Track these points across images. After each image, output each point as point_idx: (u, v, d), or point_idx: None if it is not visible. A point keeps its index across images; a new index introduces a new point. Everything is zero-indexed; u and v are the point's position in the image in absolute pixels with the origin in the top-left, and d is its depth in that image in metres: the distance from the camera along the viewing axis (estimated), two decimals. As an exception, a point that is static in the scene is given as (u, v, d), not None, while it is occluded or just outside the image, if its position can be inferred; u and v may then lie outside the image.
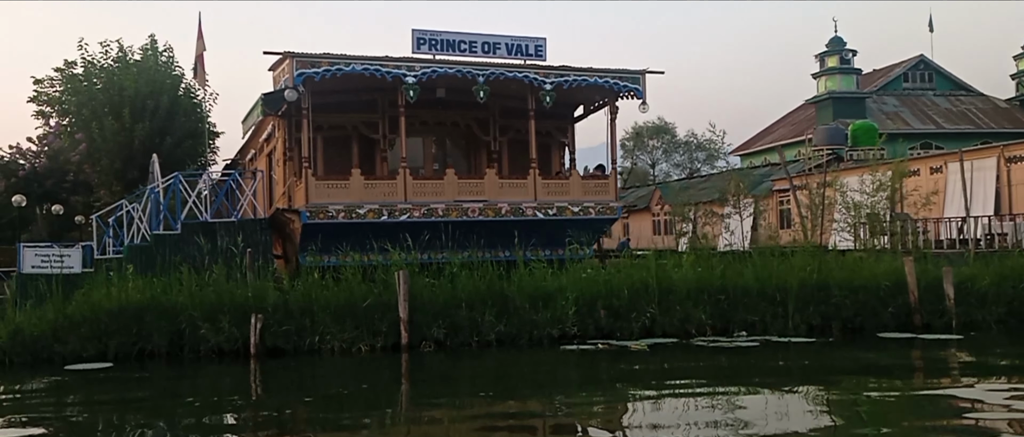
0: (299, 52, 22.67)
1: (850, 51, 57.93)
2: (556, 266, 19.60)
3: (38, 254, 21.85)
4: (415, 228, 23.21)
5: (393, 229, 23.30)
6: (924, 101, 58.57)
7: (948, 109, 57.95)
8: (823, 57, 58.55)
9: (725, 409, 11.77)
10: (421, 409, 13.03)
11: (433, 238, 22.07)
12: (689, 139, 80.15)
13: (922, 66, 60.37)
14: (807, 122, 59.88)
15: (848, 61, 58.14)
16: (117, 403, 13.59)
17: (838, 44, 58.06)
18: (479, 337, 17.10)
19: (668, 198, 46.02)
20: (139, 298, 17.26)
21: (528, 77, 24.13)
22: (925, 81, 60.20)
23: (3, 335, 16.67)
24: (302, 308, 17.19)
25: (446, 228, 22.83)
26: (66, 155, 32.70)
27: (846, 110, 55.47)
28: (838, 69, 57.55)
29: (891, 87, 59.78)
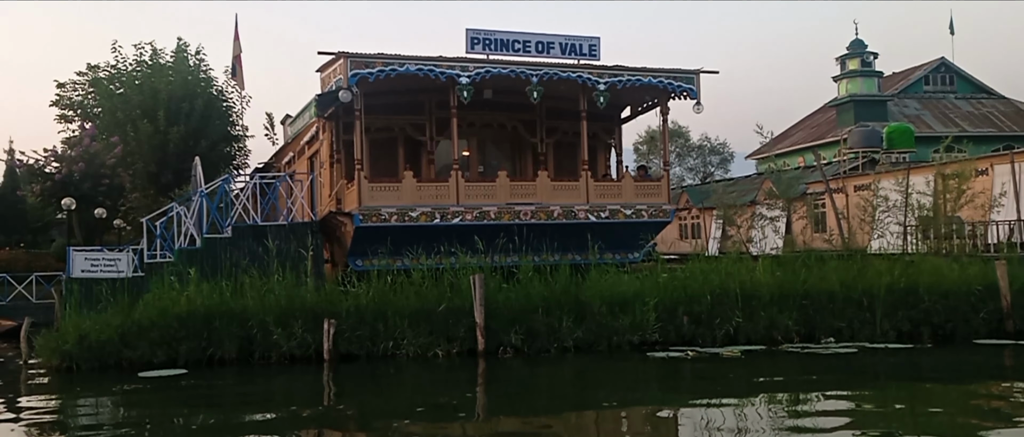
0: (353, 52, 22.26)
1: (871, 54, 57.50)
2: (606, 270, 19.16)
3: (87, 258, 21.45)
4: (466, 231, 22.81)
5: (445, 232, 22.91)
6: (945, 104, 58.21)
7: (970, 112, 57.60)
8: (844, 60, 58.12)
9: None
10: (548, 418, 12.43)
11: (485, 242, 21.67)
12: (702, 143, 79.89)
13: (943, 69, 60.02)
14: (827, 125, 59.54)
15: (869, 64, 57.71)
16: (230, 410, 13.13)
17: (859, 46, 57.63)
18: (557, 343, 16.63)
19: (694, 201, 45.64)
20: (208, 303, 16.81)
21: (582, 77, 23.73)
22: (946, 84, 59.85)
23: (70, 341, 16.20)
24: (375, 312, 16.74)
25: (499, 231, 22.48)
26: (102, 158, 32.25)
27: (867, 113, 55.02)
28: (859, 72, 57.13)
29: (911, 90, 59.41)
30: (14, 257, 32.63)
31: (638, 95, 26.05)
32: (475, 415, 12.60)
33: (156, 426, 12.07)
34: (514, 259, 20.60)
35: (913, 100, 58.61)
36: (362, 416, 12.75)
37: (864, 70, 57.41)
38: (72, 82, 41.06)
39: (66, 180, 31.49)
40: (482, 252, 20.97)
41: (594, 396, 13.46)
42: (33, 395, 15.07)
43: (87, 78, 40.43)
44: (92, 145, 32.41)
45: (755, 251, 32.47)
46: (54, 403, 14.39)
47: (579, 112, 24.97)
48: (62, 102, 40.99)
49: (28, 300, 27.89)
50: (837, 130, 56.53)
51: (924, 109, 57.72)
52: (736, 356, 15.98)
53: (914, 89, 59.47)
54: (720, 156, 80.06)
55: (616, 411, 12.72)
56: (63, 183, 31.46)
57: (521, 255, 21.30)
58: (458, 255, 18.86)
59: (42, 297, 27.80)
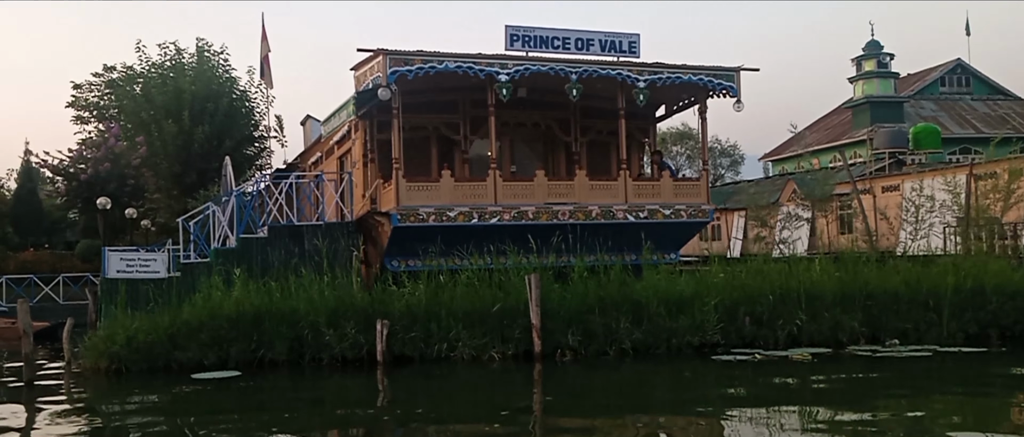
0: (392, 49, 21.91)
1: (887, 55, 57.20)
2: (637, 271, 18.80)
3: (123, 258, 21.11)
4: (504, 231, 22.47)
5: (482, 232, 22.54)
6: (961, 105, 57.94)
7: (986, 113, 57.32)
8: (860, 61, 57.81)
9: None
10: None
11: (523, 242, 21.35)
12: (713, 145, 79.56)
13: (959, 70, 59.75)
14: (842, 127, 59.24)
15: (885, 65, 57.39)
16: (303, 413, 12.79)
17: (875, 48, 57.32)
18: (615, 345, 16.26)
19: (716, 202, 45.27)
20: (257, 304, 16.45)
21: (621, 75, 23.35)
22: (962, 85, 59.58)
23: (118, 342, 15.83)
24: (428, 313, 16.38)
25: (536, 232, 22.15)
26: (127, 158, 31.90)
27: (883, 115, 54.69)
28: (875, 73, 56.81)
29: (928, 91, 59.11)
30: (39, 258, 32.33)
31: (674, 93, 25.68)
32: (536, 423, 12.19)
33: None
34: (550, 259, 20.22)
35: (929, 101, 58.33)
36: (434, 421, 12.35)
37: (880, 71, 57.12)
38: (88, 83, 40.74)
39: (92, 180, 31.14)
40: (520, 252, 20.67)
41: (670, 403, 13.06)
42: (104, 401, 14.62)
43: (103, 79, 40.14)
44: (117, 145, 32.06)
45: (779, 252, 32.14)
46: (127, 406, 13.96)
47: (613, 110, 24.60)
48: (78, 103, 40.67)
49: (55, 301, 27.55)
50: (853, 131, 56.28)
51: (940, 110, 57.44)
52: (806, 360, 15.56)
53: (930, 90, 59.19)
54: (730, 158, 79.83)
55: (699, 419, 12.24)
56: (89, 183, 31.12)
57: (560, 255, 20.96)
58: (503, 255, 18.44)
59: (69, 298, 27.48)
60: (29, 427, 12.41)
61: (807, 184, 40.43)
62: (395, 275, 20.85)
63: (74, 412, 13.64)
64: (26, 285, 28.72)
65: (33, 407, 13.84)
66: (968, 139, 54.30)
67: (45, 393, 15.08)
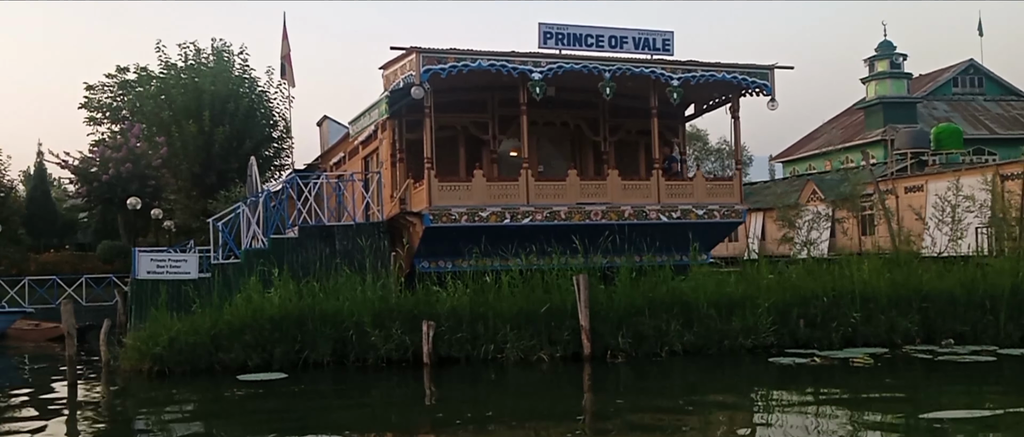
0: (425, 47, 21.63)
1: (900, 55, 56.97)
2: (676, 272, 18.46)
3: (153, 259, 20.83)
4: (536, 232, 22.20)
5: (514, 233, 22.28)
6: (974, 106, 57.70)
7: (999, 114, 57.09)
8: (872, 61, 57.56)
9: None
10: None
11: (554, 242, 21.07)
12: (720, 146, 79.34)
13: (972, 71, 59.51)
14: (854, 127, 58.99)
15: (899, 65, 57.16)
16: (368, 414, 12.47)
17: (888, 48, 57.08)
18: (665, 347, 15.96)
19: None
20: (300, 304, 16.15)
21: (655, 73, 23.08)
22: (975, 86, 59.34)
23: (161, 344, 15.53)
24: (474, 314, 16.08)
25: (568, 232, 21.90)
26: (148, 159, 31.60)
27: (897, 115, 54.46)
28: (888, 73, 56.56)
29: (940, 92, 58.86)
30: (61, 259, 32.05)
31: (705, 92, 25.41)
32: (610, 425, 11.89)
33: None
34: (596, 260, 19.92)
35: (942, 102, 58.09)
36: (499, 424, 12.04)
37: (893, 72, 56.89)
38: (101, 84, 40.46)
39: (114, 181, 30.82)
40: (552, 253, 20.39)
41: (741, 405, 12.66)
42: (157, 404, 14.18)
43: (116, 80, 39.88)
44: (138, 145, 31.75)
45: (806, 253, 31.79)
46: (184, 409, 13.67)
47: (642, 109, 24.41)
48: (91, 104, 40.37)
49: (78, 302, 27.25)
50: (866, 132, 56.06)
51: (953, 111, 57.20)
52: (867, 363, 15.20)
53: (943, 91, 58.94)
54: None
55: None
56: (110, 184, 30.78)
57: (594, 256, 20.66)
58: (544, 255, 18.12)
59: (92, 300, 27.16)
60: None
61: (827, 184, 40.20)
62: (425, 276, 20.59)
63: (134, 416, 13.27)
64: (48, 286, 28.43)
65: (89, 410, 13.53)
66: (981, 140, 54.05)
67: (93, 396, 14.79)
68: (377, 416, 12.75)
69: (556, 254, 20.10)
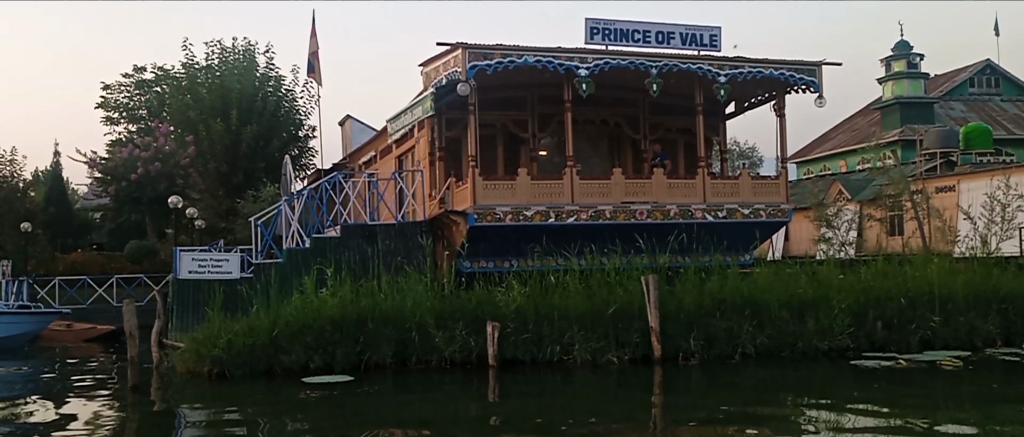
0: (472, 43, 21.19)
1: (917, 55, 56.62)
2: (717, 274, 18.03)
3: (195, 259, 20.40)
4: (581, 231, 21.78)
5: (559, 232, 21.85)
6: (991, 107, 57.37)
7: (1017, 115, 56.78)
8: (889, 61, 57.18)
9: None
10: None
11: (598, 241, 20.66)
12: (731, 147, 78.97)
13: (988, 71, 59.17)
14: (870, 127, 58.54)
15: (916, 65, 56.79)
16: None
17: (904, 48, 56.72)
18: (738, 349, 15.49)
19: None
20: (361, 305, 15.72)
21: (702, 69, 22.65)
22: (991, 86, 59.02)
23: (219, 346, 15.07)
24: (539, 315, 15.63)
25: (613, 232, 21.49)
26: (177, 158, 31.15)
27: (914, 116, 54.10)
28: (905, 73, 56.20)
29: (956, 92, 58.54)
30: (88, 259, 31.58)
31: (748, 89, 24.99)
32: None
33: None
34: (662, 259, 19.50)
35: (959, 102, 57.77)
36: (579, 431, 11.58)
37: (911, 72, 56.53)
38: (118, 83, 40.04)
39: (143, 180, 30.35)
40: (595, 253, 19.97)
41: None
42: (236, 408, 13.61)
43: (133, 80, 39.51)
44: (166, 144, 31.30)
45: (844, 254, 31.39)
46: (267, 411, 13.20)
47: (683, 107, 24.04)
48: (108, 104, 39.94)
49: (108, 303, 26.78)
50: (883, 133, 55.69)
51: (970, 112, 56.86)
52: (956, 366, 14.70)
53: (959, 91, 58.62)
54: (749, 160, 79.18)
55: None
56: (139, 183, 30.32)
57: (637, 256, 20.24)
58: (606, 255, 17.70)
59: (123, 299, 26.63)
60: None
61: (853, 184, 39.82)
62: (469, 276, 20.21)
63: (220, 422, 12.78)
64: (79, 286, 27.98)
65: (169, 415, 13.06)
66: (999, 140, 53.44)
67: (163, 399, 14.32)
68: (459, 419, 12.28)
69: (598, 255, 19.70)
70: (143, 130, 39.20)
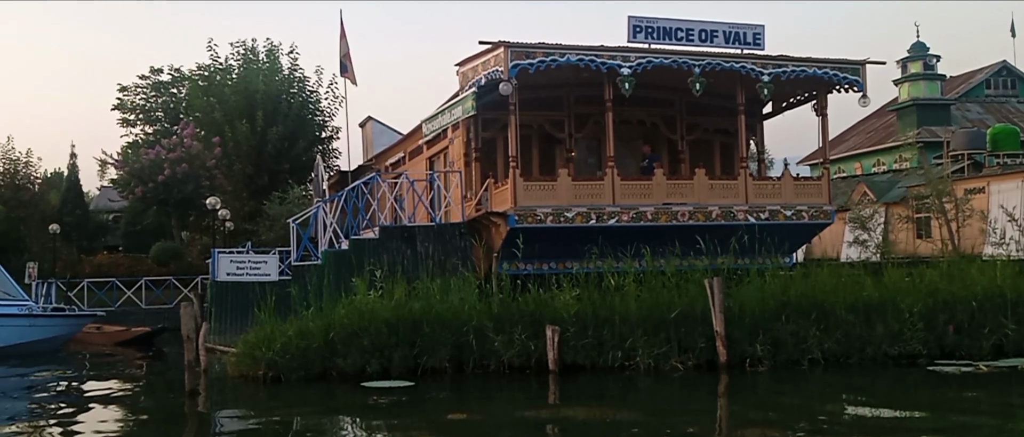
0: (514, 41, 20.83)
1: (934, 56, 56.29)
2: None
3: (233, 260, 20.01)
4: (622, 233, 21.41)
5: (600, 234, 21.47)
6: (1008, 109, 57.03)
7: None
8: (905, 63, 56.82)
9: None
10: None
11: (639, 243, 20.28)
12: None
13: (1004, 72, 58.86)
14: (885, 130, 58.25)
15: (932, 67, 56.44)
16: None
17: (921, 49, 56.39)
18: (805, 355, 15.07)
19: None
20: (415, 308, 15.33)
21: (745, 68, 22.27)
22: (1007, 88, 58.72)
23: (274, 348, 14.69)
24: (600, 320, 15.24)
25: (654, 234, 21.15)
26: (203, 159, 30.79)
27: (930, 117, 53.76)
28: (922, 75, 55.84)
29: (973, 94, 58.21)
30: (114, 261, 31.24)
31: (787, 89, 24.59)
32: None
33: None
34: (720, 261, 19.12)
35: (975, 104, 57.44)
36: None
37: (927, 73, 56.17)
38: (134, 85, 39.78)
39: (169, 182, 29.98)
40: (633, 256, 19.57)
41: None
42: (319, 414, 13.18)
43: (149, 82, 39.25)
44: (193, 145, 30.93)
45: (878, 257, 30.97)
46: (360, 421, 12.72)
47: (719, 106, 23.78)
48: (124, 106, 39.63)
49: (137, 305, 26.40)
50: (899, 134, 55.34)
51: (986, 113, 56.52)
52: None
53: (975, 93, 58.28)
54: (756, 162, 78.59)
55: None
56: (166, 184, 29.95)
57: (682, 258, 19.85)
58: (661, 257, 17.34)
59: (152, 302, 26.33)
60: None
61: (878, 185, 39.49)
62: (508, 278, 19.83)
63: (310, 428, 12.37)
64: (108, 289, 27.60)
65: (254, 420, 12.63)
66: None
67: (234, 405, 13.93)
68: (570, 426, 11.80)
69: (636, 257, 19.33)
70: (159, 132, 38.90)
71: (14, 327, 21.82)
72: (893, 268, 17.59)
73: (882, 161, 54.88)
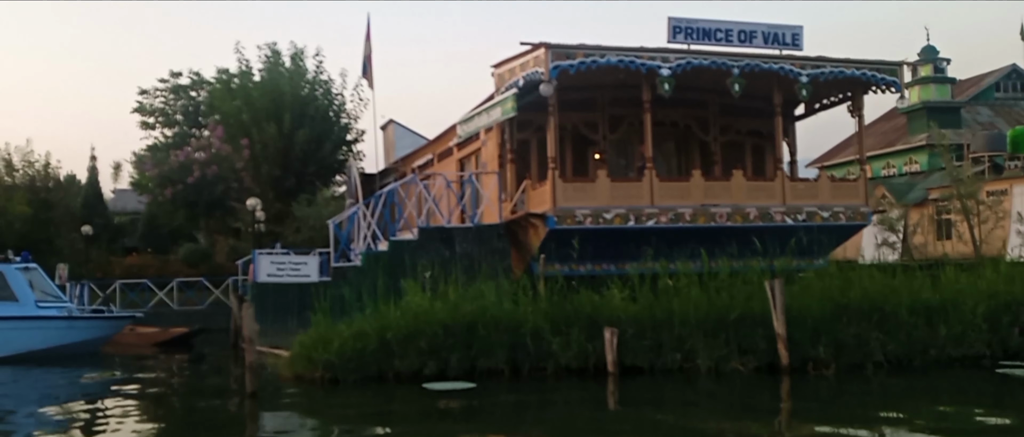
0: (554, 42, 20.71)
1: (944, 60, 56.32)
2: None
3: (273, 261, 19.88)
4: (660, 235, 21.28)
5: (638, 236, 21.39)
6: (1018, 112, 56.99)
7: (1044, 119, 56.48)
8: (916, 66, 56.82)
9: None
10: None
11: (677, 245, 20.15)
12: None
13: (1014, 75, 58.87)
14: (895, 132, 58.22)
15: (942, 70, 56.48)
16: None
17: (931, 53, 56.38)
18: (868, 358, 14.91)
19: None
20: (467, 309, 15.19)
21: (784, 69, 22.18)
22: (1017, 91, 58.74)
23: (331, 350, 14.53)
24: (658, 321, 15.10)
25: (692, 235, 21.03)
26: (232, 161, 30.64)
27: (940, 120, 53.69)
28: (932, 78, 55.87)
29: (983, 97, 58.20)
30: (144, 263, 31.15)
31: (824, 90, 24.49)
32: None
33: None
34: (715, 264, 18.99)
35: (985, 107, 57.45)
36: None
37: (937, 76, 56.19)
38: (154, 88, 39.73)
39: (199, 184, 29.81)
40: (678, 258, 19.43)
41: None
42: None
43: (169, 85, 39.23)
44: (222, 147, 30.77)
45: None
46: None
47: (752, 108, 23.81)
48: (144, 109, 39.57)
49: (169, 306, 26.24)
50: (909, 137, 55.37)
51: (997, 116, 56.54)
52: None
53: (985, 96, 58.28)
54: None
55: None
56: (196, 186, 29.78)
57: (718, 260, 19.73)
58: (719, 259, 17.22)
59: (184, 303, 26.18)
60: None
61: (896, 187, 39.45)
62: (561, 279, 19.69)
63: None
64: (140, 290, 27.42)
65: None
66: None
67: (304, 408, 13.70)
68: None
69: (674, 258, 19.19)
70: (178, 135, 38.79)
71: (54, 329, 21.65)
72: (921, 271, 17.36)
73: (892, 164, 54.89)
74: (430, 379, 14.47)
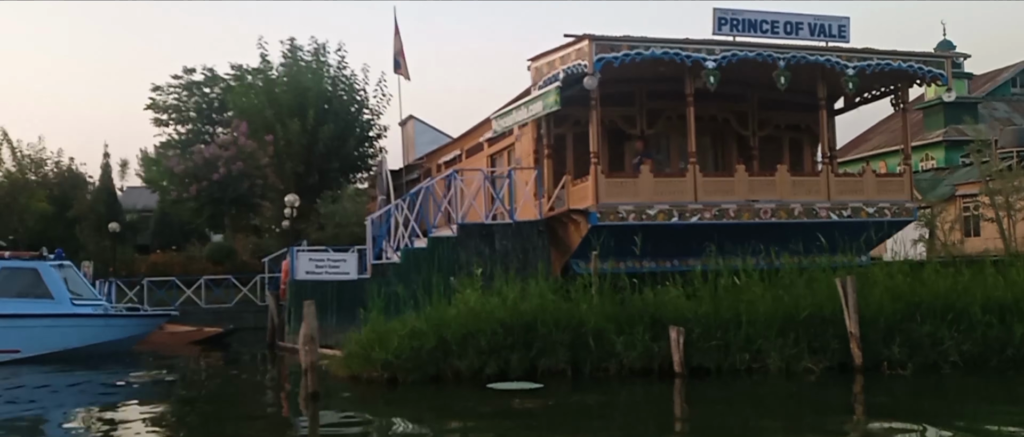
0: (599, 34, 20.19)
1: (961, 55, 55.83)
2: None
3: (312, 259, 19.38)
4: (703, 231, 20.79)
5: (682, 232, 20.90)
6: (1035, 108, 56.78)
7: (1060, 115, 56.16)
8: (961, 60, 56.21)
9: None
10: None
11: (720, 241, 19.66)
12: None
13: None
14: (912, 129, 57.66)
15: (959, 65, 55.91)
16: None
17: (947, 48, 55.95)
18: (942, 357, 14.41)
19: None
20: (525, 308, 14.69)
21: (830, 61, 21.65)
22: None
23: (390, 350, 14.03)
24: (724, 320, 14.60)
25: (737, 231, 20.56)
26: (257, 158, 30.19)
27: (957, 116, 53.34)
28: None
29: (999, 92, 57.87)
30: (169, 260, 30.67)
31: (868, 82, 23.96)
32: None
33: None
34: (742, 261, 18.49)
35: (1002, 103, 57.10)
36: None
37: (954, 71, 55.40)
38: (167, 85, 39.30)
39: (225, 181, 29.33)
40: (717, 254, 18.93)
41: None
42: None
43: (182, 82, 38.82)
44: (247, 144, 30.31)
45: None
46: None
47: (791, 102, 23.23)
48: (157, 105, 39.13)
49: (197, 305, 25.75)
50: (925, 133, 54.96)
51: (1014, 112, 56.22)
52: None
53: (1002, 91, 57.95)
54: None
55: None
56: (221, 184, 29.30)
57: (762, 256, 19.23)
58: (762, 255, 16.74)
59: (211, 302, 25.71)
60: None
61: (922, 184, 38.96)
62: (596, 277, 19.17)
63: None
64: (168, 288, 26.96)
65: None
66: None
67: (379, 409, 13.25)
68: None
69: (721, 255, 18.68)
70: (192, 132, 38.36)
71: (90, 327, 21.18)
72: (965, 267, 16.85)
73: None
74: (491, 379, 14.00)
